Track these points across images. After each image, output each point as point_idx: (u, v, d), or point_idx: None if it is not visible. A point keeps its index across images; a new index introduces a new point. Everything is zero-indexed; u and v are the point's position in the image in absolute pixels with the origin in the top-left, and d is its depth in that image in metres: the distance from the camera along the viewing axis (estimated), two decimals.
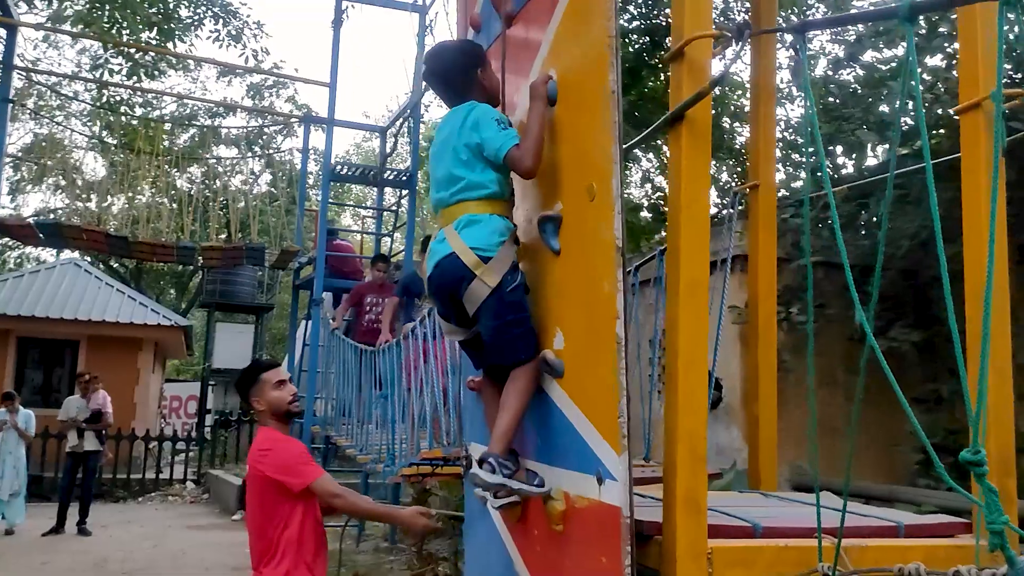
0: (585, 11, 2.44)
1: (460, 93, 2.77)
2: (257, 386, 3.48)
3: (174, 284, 30.63)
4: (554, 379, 2.57)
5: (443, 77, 2.83)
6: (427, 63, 2.91)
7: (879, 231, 7.29)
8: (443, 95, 2.86)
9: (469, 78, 2.76)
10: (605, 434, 2.27)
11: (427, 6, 9.88)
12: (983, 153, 2.63)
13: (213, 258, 10.91)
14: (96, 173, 20.91)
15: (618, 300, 2.22)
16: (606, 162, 2.28)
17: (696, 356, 2.34)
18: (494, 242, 2.56)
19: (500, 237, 2.57)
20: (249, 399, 3.51)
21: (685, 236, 2.36)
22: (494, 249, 2.54)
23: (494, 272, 2.52)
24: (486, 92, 2.78)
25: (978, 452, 1.60)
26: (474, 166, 2.62)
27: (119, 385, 15.24)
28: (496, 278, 2.52)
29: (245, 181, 18.82)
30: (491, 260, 2.53)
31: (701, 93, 2.32)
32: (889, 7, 1.66)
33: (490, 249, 2.54)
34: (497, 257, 2.54)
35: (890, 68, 8.02)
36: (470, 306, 2.58)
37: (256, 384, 3.48)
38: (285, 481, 3.29)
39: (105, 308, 16.29)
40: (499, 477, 2.48)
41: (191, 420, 22.92)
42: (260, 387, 3.48)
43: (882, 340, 7.30)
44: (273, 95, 21.74)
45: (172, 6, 10.56)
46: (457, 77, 2.78)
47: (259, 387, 3.48)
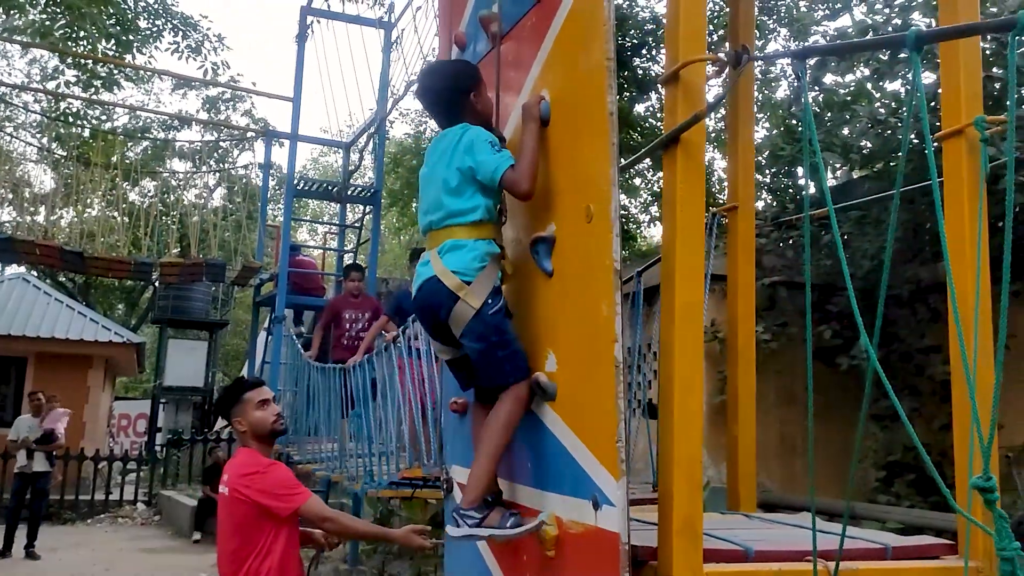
0: (581, 34, 2.44)
1: (453, 114, 2.74)
2: (239, 406, 3.38)
3: (124, 299, 30.00)
4: (546, 402, 2.54)
5: (436, 97, 2.80)
6: (421, 81, 2.90)
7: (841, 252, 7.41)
8: (435, 115, 2.84)
9: (463, 100, 2.73)
10: (602, 459, 2.24)
11: (393, 23, 9.86)
12: (966, 179, 2.68)
13: (171, 274, 10.71)
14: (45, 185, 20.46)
15: (616, 323, 2.21)
16: (605, 184, 2.27)
17: (693, 381, 2.33)
18: (474, 267, 2.56)
19: (481, 263, 2.57)
20: (231, 419, 3.41)
21: (680, 259, 2.35)
22: (473, 274, 2.55)
23: (476, 294, 2.53)
24: (480, 116, 2.75)
25: (990, 479, 1.61)
26: (463, 191, 2.61)
27: (68, 403, 14.77)
28: (479, 300, 2.52)
29: (200, 195, 18.59)
30: (472, 283, 2.53)
31: (698, 116, 2.33)
32: (896, 35, 1.68)
33: (469, 273, 2.55)
34: (478, 280, 2.54)
35: (849, 92, 8.21)
36: (455, 328, 2.57)
37: (238, 404, 3.39)
38: (272, 506, 3.20)
39: (54, 324, 15.86)
40: (465, 530, 2.49)
41: (140, 439, 22.38)
42: (242, 407, 3.38)
43: (844, 358, 7.43)
44: (230, 108, 21.50)
45: (130, 17, 10.38)
46: (451, 98, 2.75)
47: (241, 407, 3.38)
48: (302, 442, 7.78)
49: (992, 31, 2.48)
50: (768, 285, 7.65)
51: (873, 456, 7.53)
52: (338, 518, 3.41)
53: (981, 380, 2.55)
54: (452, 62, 3.05)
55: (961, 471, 2.57)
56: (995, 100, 5.95)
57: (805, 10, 8.84)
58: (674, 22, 2.48)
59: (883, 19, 7.05)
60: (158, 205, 12.98)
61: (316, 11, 9.72)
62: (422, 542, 3.35)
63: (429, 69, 2.94)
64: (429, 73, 2.89)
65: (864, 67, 7.54)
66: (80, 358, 16.04)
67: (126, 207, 13.03)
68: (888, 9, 7.18)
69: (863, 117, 6.30)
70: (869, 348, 1.90)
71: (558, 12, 2.56)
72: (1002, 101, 5.76)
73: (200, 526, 11.59)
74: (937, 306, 7.03)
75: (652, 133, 11.11)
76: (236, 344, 30.34)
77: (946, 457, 6.12)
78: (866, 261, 7.08)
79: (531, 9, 2.77)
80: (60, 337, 15.52)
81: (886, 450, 7.49)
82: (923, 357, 7.19)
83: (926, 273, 7.00)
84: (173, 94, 23.39)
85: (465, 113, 2.71)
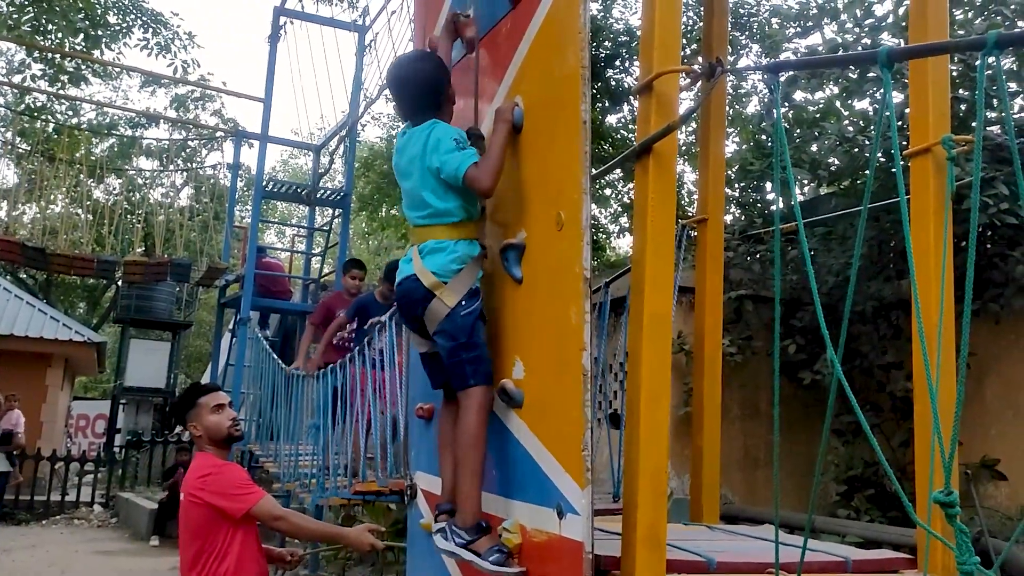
0: (556, 42, 2.44)
1: (428, 108, 2.73)
2: (194, 411, 3.35)
3: (85, 298, 29.49)
4: (512, 409, 2.53)
5: (414, 89, 2.76)
6: (396, 71, 2.85)
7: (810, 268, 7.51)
8: (407, 106, 2.80)
9: (440, 95, 2.74)
10: (568, 467, 2.24)
11: (367, 26, 9.82)
12: (932, 197, 2.71)
13: (135, 273, 10.54)
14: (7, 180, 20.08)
15: (585, 332, 2.20)
16: (576, 192, 2.27)
17: (659, 391, 2.33)
18: (452, 268, 2.59)
19: (459, 264, 2.60)
20: (186, 424, 3.38)
21: (651, 269, 2.35)
22: (451, 275, 2.59)
23: (453, 292, 2.57)
24: (450, 108, 2.79)
25: (951, 494, 1.62)
26: (438, 192, 2.63)
27: (25, 402, 14.49)
28: (454, 299, 2.57)
29: (166, 194, 18.34)
30: (449, 282, 2.57)
31: (671, 127, 2.34)
32: (868, 52, 1.70)
33: (446, 275, 2.58)
34: (455, 279, 2.58)
35: (818, 109, 8.31)
36: (430, 325, 2.63)
37: (193, 408, 3.35)
38: (225, 507, 3.16)
39: (14, 321, 15.52)
40: (451, 545, 2.52)
41: (99, 440, 21.97)
42: (197, 411, 3.35)
43: (807, 373, 7.49)
44: (199, 107, 21.26)
45: (100, 12, 10.23)
46: (425, 92, 2.74)
47: (196, 411, 3.35)
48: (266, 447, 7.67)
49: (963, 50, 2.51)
50: (735, 299, 7.70)
51: (834, 470, 7.60)
52: (290, 517, 3.37)
53: (943, 396, 2.59)
54: (422, 55, 3.00)
55: (922, 485, 2.59)
56: (960, 121, 6.06)
57: (777, 27, 8.95)
58: (649, 33, 2.49)
59: (853, 38, 7.15)
60: (123, 203, 12.74)
61: (289, 12, 9.65)
62: (375, 542, 3.31)
63: (403, 63, 2.92)
64: (406, 64, 2.87)
65: (833, 85, 7.65)
66: (39, 356, 15.71)
67: (90, 204, 12.81)
68: (858, 28, 7.28)
69: (831, 135, 6.38)
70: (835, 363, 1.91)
71: (533, 18, 2.56)
72: (967, 122, 5.87)
73: (159, 530, 11.39)
74: (899, 323, 7.12)
75: (624, 144, 11.16)
76: (200, 345, 29.95)
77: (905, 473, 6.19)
78: (831, 277, 7.16)
79: (506, 15, 2.77)
80: (19, 335, 15.18)
81: (847, 465, 7.56)
82: (884, 373, 7.28)
83: (889, 290, 7.08)
84: (142, 91, 23.07)
85: (442, 107, 2.74)
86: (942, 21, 2.64)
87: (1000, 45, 1.51)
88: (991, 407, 6.87)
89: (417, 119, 2.74)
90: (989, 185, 5.77)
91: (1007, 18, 6.53)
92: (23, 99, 13.40)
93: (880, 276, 7.25)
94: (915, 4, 2.67)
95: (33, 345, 15.38)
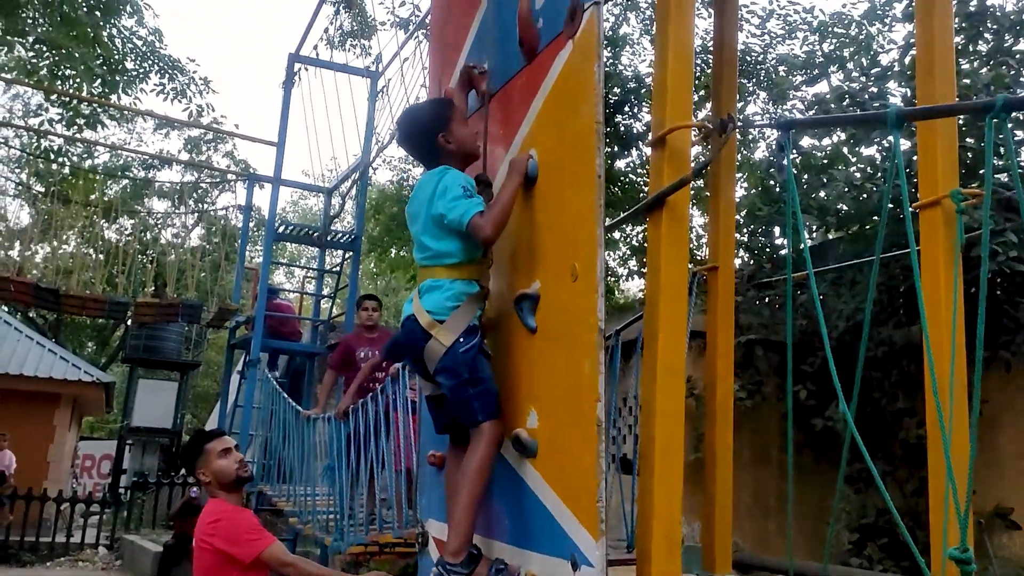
0: (571, 97, 2.49)
1: (430, 157, 2.83)
2: (202, 457, 3.40)
3: (94, 337, 29.59)
4: (526, 459, 2.54)
5: (411, 142, 2.93)
6: (398, 126, 3.02)
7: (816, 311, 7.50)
8: (414, 154, 2.99)
9: (433, 143, 2.80)
10: (582, 518, 2.24)
11: (380, 72, 9.98)
12: (941, 249, 2.74)
13: (147, 314, 10.61)
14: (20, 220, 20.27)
15: (599, 383, 2.22)
16: (591, 244, 2.30)
17: (673, 442, 2.34)
18: (447, 306, 2.63)
19: (455, 302, 2.64)
20: (195, 471, 3.41)
21: (664, 321, 2.38)
22: (446, 312, 2.63)
23: (448, 332, 2.60)
24: (456, 153, 2.80)
25: (966, 551, 1.62)
26: (439, 236, 2.69)
27: (32, 442, 14.57)
28: (450, 338, 2.60)
29: (177, 235, 18.50)
30: (445, 321, 2.61)
31: (684, 180, 2.38)
32: (878, 112, 1.74)
33: (442, 312, 2.63)
34: (451, 318, 2.62)
35: (826, 155, 8.38)
36: (429, 364, 2.66)
37: (201, 455, 3.41)
38: (235, 553, 3.18)
39: (23, 361, 15.59)
40: None
41: (104, 480, 21.88)
42: (205, 458, 3.40)
43: (819, 419, 7.46)
44: (211, 149, 21.54)
45: (118, 59, 10.44)
46: (422, 141, 2.84)
47: (204, 458, 3.40)
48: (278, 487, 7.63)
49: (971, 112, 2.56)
50: (744, 343, 7.71)
51: (846, 518, 7.53)
52: (298, 563, 3.39)
53: (956, 448, 2.59)
54: (421, 105, 3.15)
55: (936, 538, 2.58)
56: (968, 169, 6.11)
57: (784, 74, 9.07)
58: (661, 89, 2.55)
59: (859, 87, 7.24)
60: (135, 244, 12.86)
61: (304, 59, 9.81)
62: None
63: (403, 115, 3.06)
64: (403, 119, 3.01)
65: (841, 132, 7.72)
66: (47, 396, 15.76)
67: (102, 245, 12.93)
68: (864, 77, 7.37)
69: (839, 181, 6.44)
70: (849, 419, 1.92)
71: (548, 74, 2.62)
72: (975, 170, 5.91)
73: (164, 574, 11.28)
74: (911, 368, 7.11)
75: (632, 188, 11.24)
76: (207, 385, 29.94)
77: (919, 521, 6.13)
78: (841, 322, 7.16)
79: (521, 69, 2.83)
80: (28, 375, 15.25)
81: (859, 512, 7.50)
82: (896, 419, 7.25)
83: (900, 335, 7.09)
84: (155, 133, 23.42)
85: (439, 154, 2.79)
86: (949, 76, 2.69)
87: (1007, 108, 1.54)
88: (1004, 454, 6.82)
89: (429, 165, 2.84)
90: (998, 233, 5.80)
91: (1012, 68, 6.61)
92: (39, 142, 13.61)
93: (890, 322, 7.25)
94: (922, 61, 2.72)
95: (42, 385, 15.43)
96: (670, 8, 2.58)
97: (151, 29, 11.60)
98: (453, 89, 3.16)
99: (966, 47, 6.97)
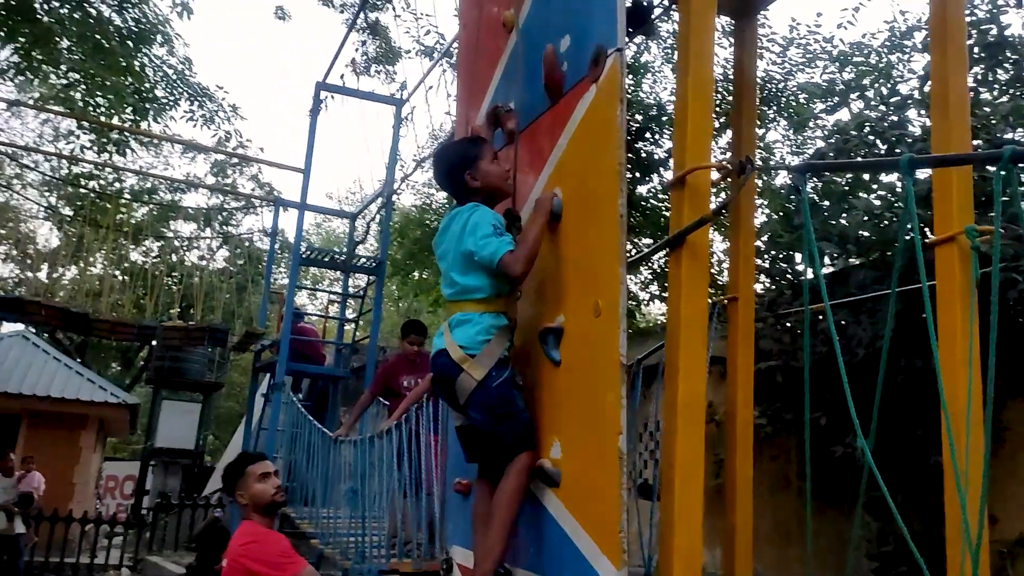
0: (594, 139, 2.58)
1: (459, 193, 2.94)
2: (242, 479, 3.49)
3: (119, 358, 29.91)
4: (550, 488, 2.61)
5: (442, 179, 3.07)
6: (432, 165, 3.14)
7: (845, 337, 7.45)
8: (450, 194, 3.10)
9: (461, 180, 2.89)
10: (604, 547, 2.31)
11: (404, 99, 10.16)
12: (957, 286, 2.79)
13: (174, 338, 10.80)
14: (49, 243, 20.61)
15: (622, 416, 2.30)
16: (613, 281, 2.38)
17: (692, 471, 2.40)
18: (478, 339, 2.69)
19: (486, 335, 2.70)
20: (235, 492, 3.51)
21: (684, 355, 2.45)
22: (478, 347, 2.68)
23: (480, 366, 2.66)
24: (483, 189, 2.87)
25: None
26: (468, 272, 2.76)
27: (59, 463, 14.73)
28: (481, 372, 2.65)
29: (202, 257, 18.75)
30: (477, 355, 2.67)
31: (703, 220, 2.46)
32: (891, 159, 1.82)
33: (474, 347, 2.68)
34: (483, 352, 2.67)
35: (846, 182, 8.41)
36: (460, 398, 2.71)
37: (242, 477, 3.50)
38: (266, 574, 3.26)
39: (50, 383, 15.79)
40: None
41: (127, 501, 22.03)
42: (245, 480, 3.50)
43: (838, 446, 7.44)
44: (237, 172, 21.87)
45: (149, 87, 10.70)
46: (451, 179, 2.95)
47: (244, 480, 3.49)
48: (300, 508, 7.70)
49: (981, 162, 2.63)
50: (764, 370, 7.72)
51: (866, 546, 7.49)
52: None
53: (971, 483, 2.63)
54: (451, 144, 3.27)
55: (953, 571, 2.62)
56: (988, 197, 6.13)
57: (804, 102, 9.14)
58: (682, 130, 2.64)
59: (879, 116, 7.30)
60: (161, 266, 13.08)
61: (330, 87, 10.01)
62: None
63: (435, 153, 3.18)
64: (435, 157, 3.14)
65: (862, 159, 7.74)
66: (73, 417, 15.93)
67: (128, 267, 13.17)
68: (884, 106, 7.43)
69: (858, 209, 6.48)
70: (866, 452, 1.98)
71: (572, 116, 2.72)
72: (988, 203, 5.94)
73: None
74: (931, 396, 7.08)
75: (654, 213, 11.33)
76: (230, 407, 30.13)
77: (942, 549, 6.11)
78: (860, 349, 7.17)
79: (547, 110, 2.93)
80: (55, 396, 15.46)
81: (880, 539, 7.46)
82: (917, 446, 7.22)
83: (920, 362, 7.07)
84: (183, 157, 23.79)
85: (468, 191, 2.88)
86: (963, 118, 2.75)
87: (1014, 160, 1.62)
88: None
89: (460, 201, 2.93)
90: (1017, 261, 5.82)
91: None
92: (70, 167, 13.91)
93: (911, 348, 7.23)
94: (936, 103, 2.78)
95: (69, 407, 15.62)
96: (690, 50, 2.67)
97: (181, 58, 11.88)
98: (480, 127, 3.27)
99: (985, 76, 7.02)
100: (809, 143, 9.49)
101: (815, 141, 8.87)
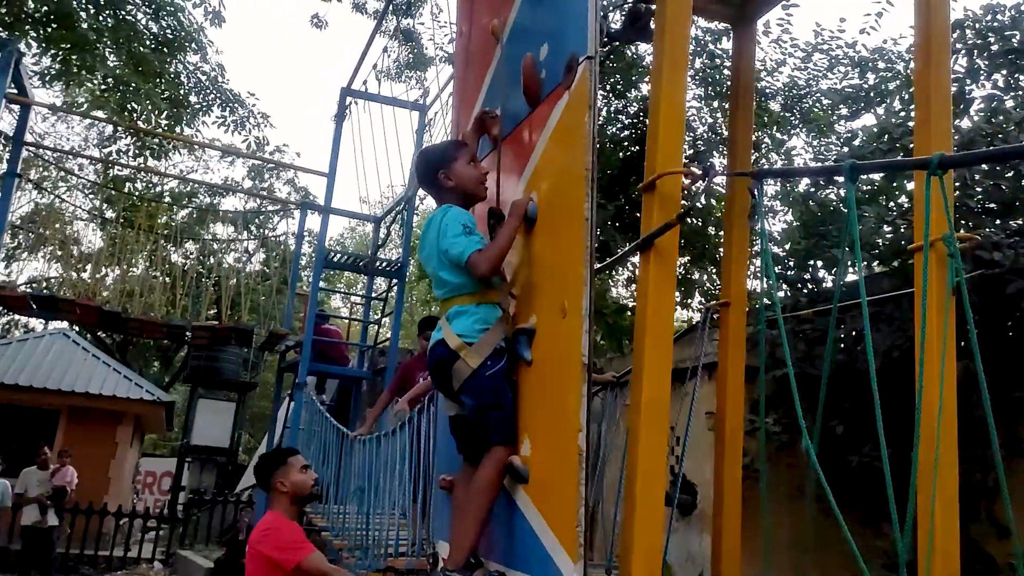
0: (566, 143, 2.65)
1: (434, 193, 3.05)
2: (284, 468, 3.70)
3: (159, 357, 30.51)
4: (519, 484, 2.68)
5: (420, 179, 3.18)
6: (414, 166, 3.25)
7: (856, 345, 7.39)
8: (428, 193, 3.21)
9: (434, 179, 2.98)
10: (563, 541, 2.37)
11: (427, 105, 10.28)
12: (934, 291, 2.81)
13: (203, 337, 11.03)
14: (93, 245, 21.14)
15: (582, 414, 2.35)
16: (577, 283, 2.45)
17: (655, 470, 2.45)
18: (476, 328, 2.77)
19: (483, 325, 2.78)
20: (273, 480, 3.68)
21: (649, 357, 2.50)
22: (476, 335, 2.76)
23: (476, 354, 2.73)
24: (456, 189, 2.95)
25: None
26: (452, 271, 2.84)
27: (96, 458, 15.12)
28: (477, 360, 2.72)
29: (239, 259, 19.10)
30: (474, 344, 2.74)
31: (669, 224, 2.51)
32: (834, 165, 1.86)
33: (472, 335, 2.76)
34: (480, 341, 2.74)
35: (869, 189, 8.34)
36: (455, 384, 2.79)
37: (284, 466, 3.71)
38: (278, 559, 3.45)
39: (89, 380, 16.25)
40: None
41: (164, 497, 22.48)
42: (287, 469, 3.70)
43: (855, 455, 7.37)
44: (273, 177, 22.26)
45: (183, 93, 10.98)
46: (426, 179, 3.06)
47: (286, 469, 3.70)
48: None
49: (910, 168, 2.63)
50: (779, 377, 7.67)
51: (884, 557, 7.41)
52: (335, 574, 3.59)
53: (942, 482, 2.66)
54: (432, 145, 3.38)
55: None
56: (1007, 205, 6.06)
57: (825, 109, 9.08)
58: (654, 136, 2.70)
59: (899, 122, 7.23)
60: (197, 267, 13.37)
61: (355, 92, 10.17)
62: None
63: (416, 154, 3.27)
64: (416, 158, 3.23)
65: None
66: (111, 414, 16.37)
67: (167, 268, 13.48)
68: (904, 113, 7.36)
69: (871, 218, 6.42)
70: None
71: (547, 122, 2.79)
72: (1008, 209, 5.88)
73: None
74: None
75: None
76: (264, 406, 30.53)
77: None
78: (877, 359, 7.10)
79: (527, 116, 3.01)
80: (93, 392, 15.89)
81: (892, 553, 7.36)
82: None
83: None
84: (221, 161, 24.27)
85: (441, 191, 2.98)
86: (945, 132, 2.78)
87: (943, 166, 1.65)
88: None
89: (437, 201, 3.04)
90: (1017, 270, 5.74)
91: None
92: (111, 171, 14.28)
93: None
94: (920, 114, 2.81)
95: (105, 403, 16.05)
96: (663, 62, 2.73)
97: (214, 65, 12.17)
98: (468, 132, 3.35)
99: (1007, 83, 6.92)
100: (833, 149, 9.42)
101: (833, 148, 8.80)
